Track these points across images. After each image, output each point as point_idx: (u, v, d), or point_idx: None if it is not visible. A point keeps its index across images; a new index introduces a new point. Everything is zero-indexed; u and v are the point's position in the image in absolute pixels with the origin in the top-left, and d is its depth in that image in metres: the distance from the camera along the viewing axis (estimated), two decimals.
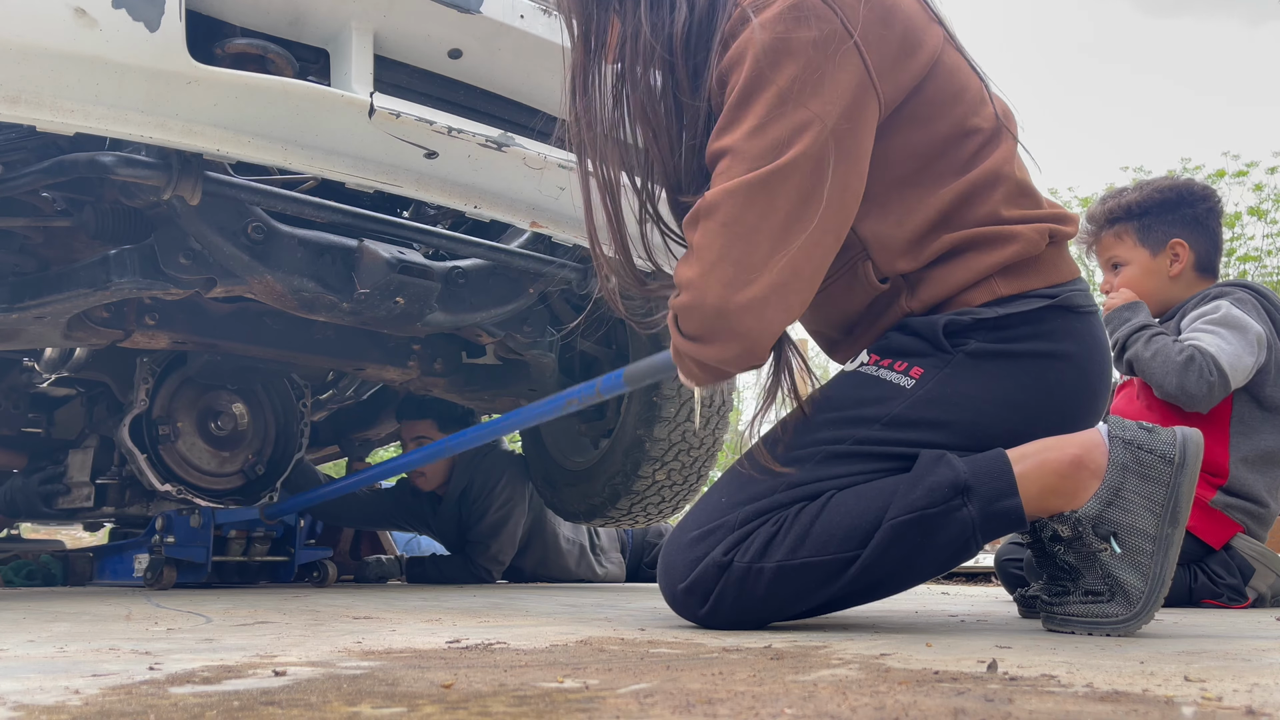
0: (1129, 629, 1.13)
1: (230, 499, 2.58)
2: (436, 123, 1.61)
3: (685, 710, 0.61)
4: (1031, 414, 1.22)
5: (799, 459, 1.21)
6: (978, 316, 1.22)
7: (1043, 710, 0.60)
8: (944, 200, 1.22)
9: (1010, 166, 1.26)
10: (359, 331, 2.35)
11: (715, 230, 1.14)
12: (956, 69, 1.24)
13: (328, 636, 1.11)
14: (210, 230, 1.78)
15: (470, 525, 3.10)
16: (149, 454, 2.42)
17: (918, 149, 1.22)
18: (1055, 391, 1.23)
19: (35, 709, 0.62)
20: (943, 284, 1.24)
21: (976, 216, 1.23)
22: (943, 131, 1.23)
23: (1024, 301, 1.23)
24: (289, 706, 0.62)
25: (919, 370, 1.22)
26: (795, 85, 1.12)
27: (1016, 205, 1.25)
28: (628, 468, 2.49)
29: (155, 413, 2.46)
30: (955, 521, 1.14)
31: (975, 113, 1.25)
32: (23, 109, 1.37)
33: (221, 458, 2.57)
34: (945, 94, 1.22)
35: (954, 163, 1.23)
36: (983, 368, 1.22)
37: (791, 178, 1.11)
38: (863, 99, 1.15)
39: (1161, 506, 1.13)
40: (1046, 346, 1.23)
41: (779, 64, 1.12)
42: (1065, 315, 1.25)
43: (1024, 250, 1.23)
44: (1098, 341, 1.28)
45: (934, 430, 1.20)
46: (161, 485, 2.42)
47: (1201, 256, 2.16)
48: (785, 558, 1.16)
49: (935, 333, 1.23)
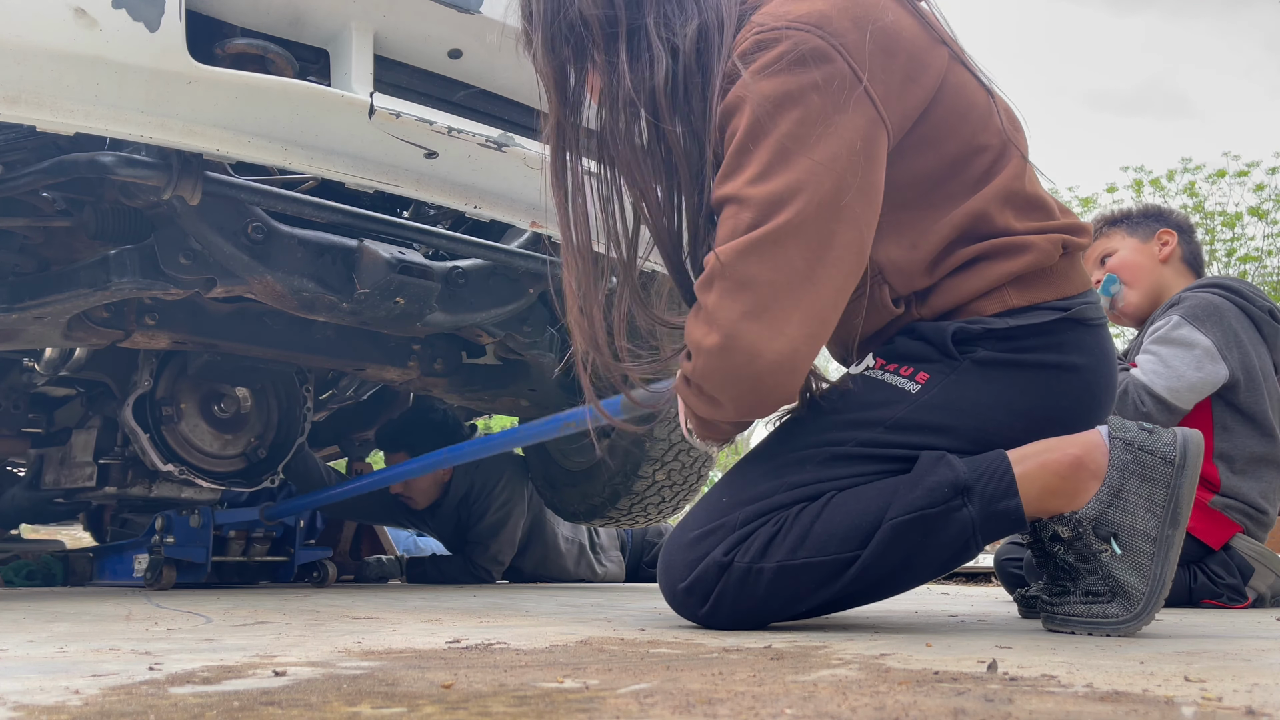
0: (1129, 629, 1.12)
1: (232, 481, 2.58)
2: (436, 123, 1.61)
3: (685, 710, 0.61)
4: (1036, 423, 1.21)
5: (801, 460, 1.20)
6: (988, 326, 1.21)
7: (1043, 710, 0.60)
8: (957, 219, 1.21)
9: (1020, 180, 1.24)
10: (359, 331, 2.35)
11: (732, 289, 1.10)
12: (963, 87, 1.22)
13: (328, 636, 1.11)
14: (210, 230, 1.78)
15: (470, 525, 3.10)
16: (151, 434, 2.42)
17: (928, 171, 1.21)
18: (1061, 402, 1.23)
19: (35, 709, 0.62)
20: (954, 293, 1.23)
21: (991, 231, 1.22)
22: (952, 151, 1.21)
23: (1036, 314, 1.22)
24: (289, 707, 0.62)
25: (925, 375, 1.22)
26: (800, 130, 1.09)
27: (1029, 217, 1.24)
28: (628, 468, 2.49)
29: (159, 394, 2.47)
30: (955, 522, 1.14)
31: (984, 128, 1.23)
32: (23, 109, 1.37)
33: (224, 440, 2.57)
34: (953, 114, 1.20)
35: (965, 181, 1.22)
36: (990, 376, 1.21)
37: (803, 228, 1.09)
38: (872, 135, 1.12)
39: (1162, 508, 1.13)
40: (1056, 358, 1.22)
41: (781, 110, 1.09)
42: (1076, 328, 1.24)
43: (1037, 260, 1.21)
44: (1106, 354, 1.27)
45: (937, 435, 1.19)
46: (164, 465, 2.42)
47: (1187, 254, 2.20)
48: (785, 558, 1.15)
49: (944, 339, 1.22)
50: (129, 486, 2.56)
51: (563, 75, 1.24)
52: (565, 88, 1.25)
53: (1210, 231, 10.43)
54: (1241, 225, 10.36)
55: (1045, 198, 1.27)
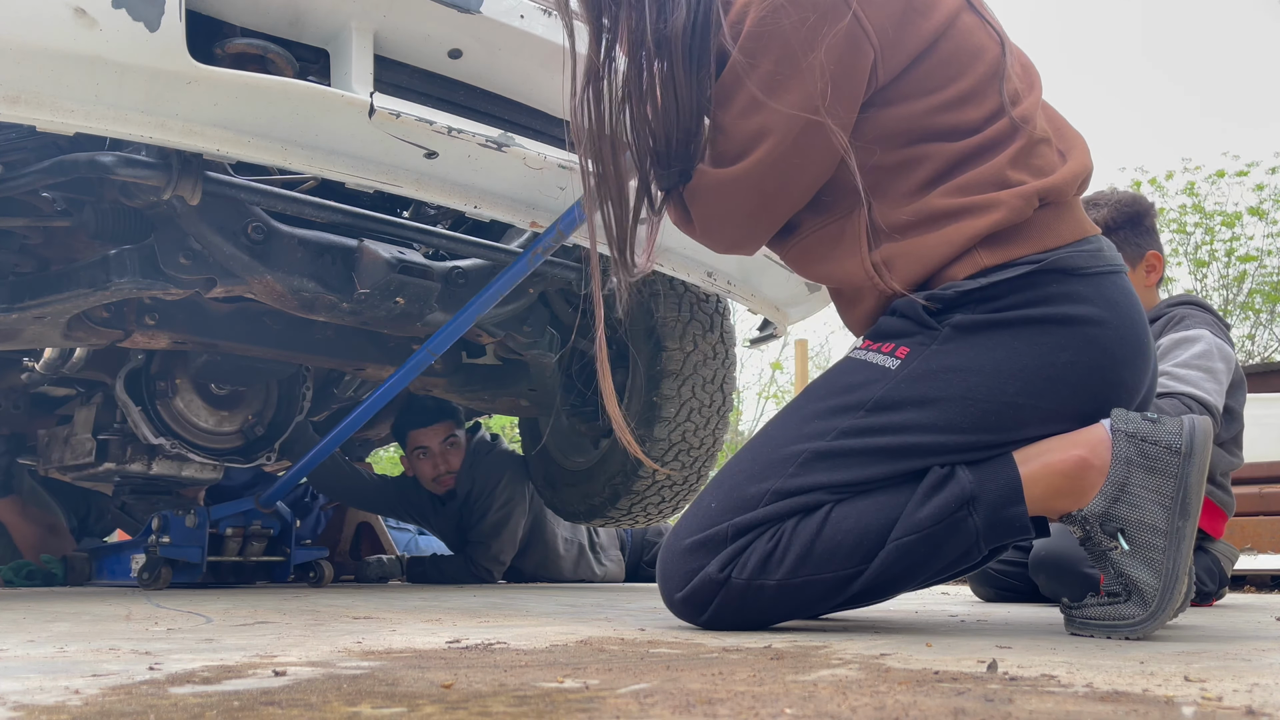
0: (1146, 630, 1.09)
1: (229, 458, 2.57)
2: (436, 123, 1.60)
3: (685, 710, 0.61)
4: (1033, 384, 1.15)
5: (785, 459, 1.18)
6: (960, 289, 1.17)
7: (1043, 710, 0.60)
8: (950, 154, 1.19)
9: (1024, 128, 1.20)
10: (359, 331, 2.35)
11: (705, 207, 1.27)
12: (972, 31, 1.22)
13: (328, 636, 1.11)
14: (210, 230, 1.78)
15: (471, 525, 3.10)
16: (144, 407, 2.42)
17: (926, 113, 1.20)
18: (1060, 358, 1.15)
19: (35, 709, 0.62)
20: (920, 260, 1.19)
21: (979, 177, 1.18)
22: (960, 89, 1.20)
23: (1010, 270, 1.17)
24: (289, 706, 0.62)
25: (905, 350, 1.19)
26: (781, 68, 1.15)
27: (1024, 168, 1.20)
28: (628, 468, 2.49)
29: (153, 369, 2.46)
30: (960, 532, 1.14)
31: (993, 74, 1.21)
32: (23, 109, 1.37)
33: (220, 416, 2.57)
34: (963, 53, 1.20)
35: (962, 126, 1.20)
36: (971, 340, 1.16)
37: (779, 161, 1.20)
38: (857, 49, 1.16)
39: (1171, 499, 1.09)
40: (1041, 312, 1.16)
41: (768, 46, 1.15)
42: (1062, 278, 1.17)
43: (1006, 218, 1.16)
44: (1113, 303, 1.18)
45: (920, 409, 1.15)
46: (156, 438, 2.42)
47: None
48: (787, 576, 1.14)
49: (916, 309, 1.19)
50: (128, 463, 2.56)
51: (598, 19, 1.26)
52: (600, 32, 1.26)
53: (1210, 231, 10.42)
54: (1241, 225, 10.35)
55: (1047, 154, 1.22)
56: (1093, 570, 1.85)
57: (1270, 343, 10.37)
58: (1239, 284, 10.37)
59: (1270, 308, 10.25)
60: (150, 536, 2.47)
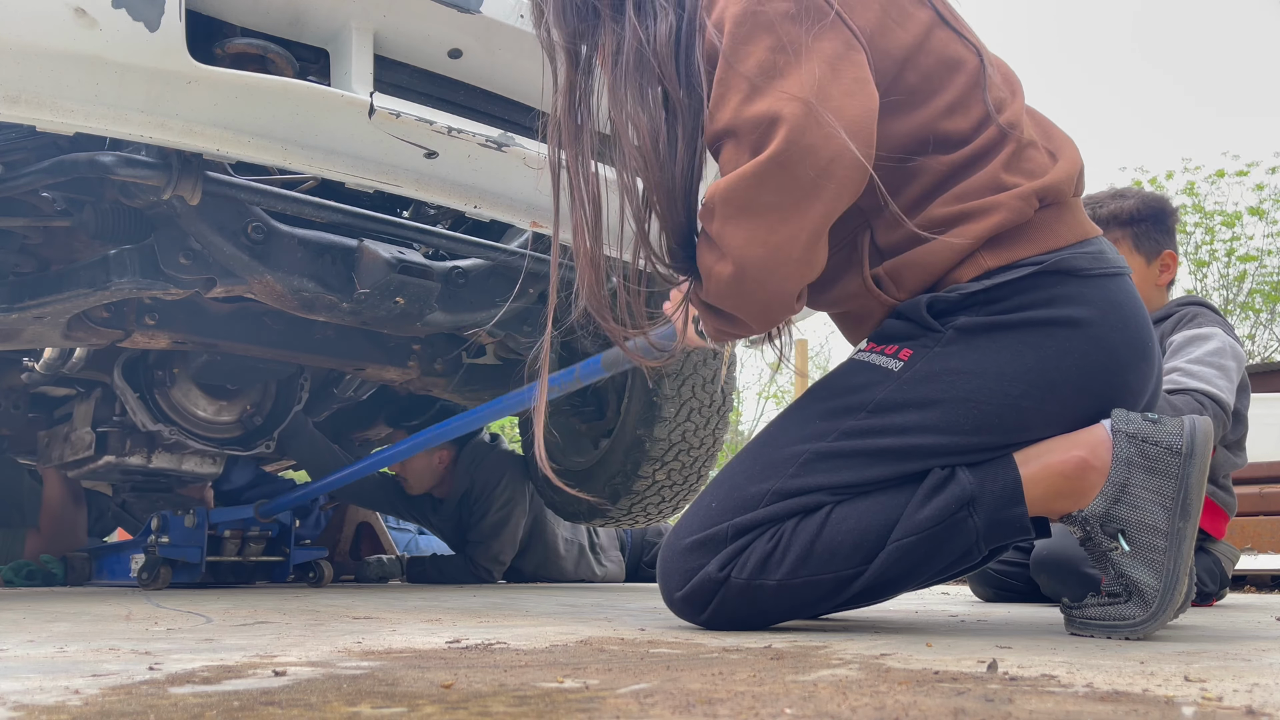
0: (1147, 630, 1.09)
1: (227, 446, 2.58)
2: (436, 123, 1.60)
3: (685, 710, 0.61)
4: (1038, 387, 1.15)
5: (786, 459, 1.18)
6: (965, 291, 1.17)
7: (1043, 710, 0.60)
8: (944, 166, 1.18)
9: (1012, 134, 1.20)
10: (359, 331, 2.35)
11: (734, 215, 1.11)
12: (948, 44, 1.22)
13: (328, 636, 1.11)
14: (210, 230, 1.78)
15: (471, 525, 3.10)
16: (141, 394, 2.42)
17: (916, 126, 1.19)
18: (1064, 362, 1.15)
19: (35, 709, 0.62)
20: (926, 269, 1.19)
21: (975, 184, 1.18)
22: (946, 101, 1.20)
23: (1014, 271, 1.17)
24: (289, 706, 0.62)
25: (908, 352, 1.19)
26: (776, 58, 1.10)
27: (1017, 172, 1.19)
28: (628, 468, 2.49)
29: (152, 358, 2.46)
30: (960, 532, 1.14)
31: (973, 86, 1.21)
32: (23, 109, 1.37)
33: (219, 405, 2.57)
34: (942, 67, 1.20)
35: (953, 137, 1.20)
36: (974, 343, 1.16)
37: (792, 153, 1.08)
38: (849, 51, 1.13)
39: (1172, 500, 1.09)
40: (1044, 314, 1.16)
41: (754, 36, 1.11)
42: (1064, 280, 1.17)
43: (1008, 219, 1.16)
44: (1115, 305, 1.18)
45: (923, 410, 1.15)
46: (153, 425, 2.42)
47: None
48: (787, 576, 1.15)
49: (920, 312, 1.19)
50: (127, 455, 2.56)
51: (574, 42, 1.25)
52: (577, 55, 1.25)
53: (1210, 231, 10.43)
54: (1241, 225, 10.36)
55: (1037, 157, 1.22)
56: (1094, 571, 1.85)
57: (1270, 343, 10.38)
58: (1239, 284, 10.38)
59: (1270, 308, 10.26)
60: (150, 537, 2.47)
